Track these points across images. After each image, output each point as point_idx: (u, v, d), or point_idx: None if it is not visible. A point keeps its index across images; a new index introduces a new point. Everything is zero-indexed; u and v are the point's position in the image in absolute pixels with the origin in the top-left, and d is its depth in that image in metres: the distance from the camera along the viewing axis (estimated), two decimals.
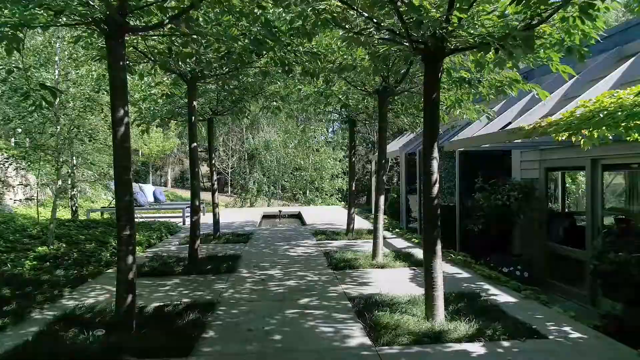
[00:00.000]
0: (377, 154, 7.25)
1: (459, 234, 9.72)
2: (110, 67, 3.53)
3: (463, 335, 3.41)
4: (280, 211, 14.53)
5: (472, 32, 3.55)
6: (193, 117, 6.37)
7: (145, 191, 13.86)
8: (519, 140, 5.79)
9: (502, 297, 4.52)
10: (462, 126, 9.57)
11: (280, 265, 6.21)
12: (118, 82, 3.52)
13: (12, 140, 11.00)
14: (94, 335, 3.41)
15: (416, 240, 8.04)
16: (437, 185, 3.88)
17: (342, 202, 19.87)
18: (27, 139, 8.26)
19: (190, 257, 6.22)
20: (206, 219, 12.21)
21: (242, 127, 19.46)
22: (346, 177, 21.34)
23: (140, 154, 25.98)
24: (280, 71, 7.32)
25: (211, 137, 8.97)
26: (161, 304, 4.39)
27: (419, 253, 6.90)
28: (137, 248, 7.65)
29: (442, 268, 3.91)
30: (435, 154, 3.92)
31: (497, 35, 3.37)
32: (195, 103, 6.39)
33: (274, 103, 8.45)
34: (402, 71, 6.00)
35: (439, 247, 3.87)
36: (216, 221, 8.80)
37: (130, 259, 3.57)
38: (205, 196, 10.60)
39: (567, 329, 3.60)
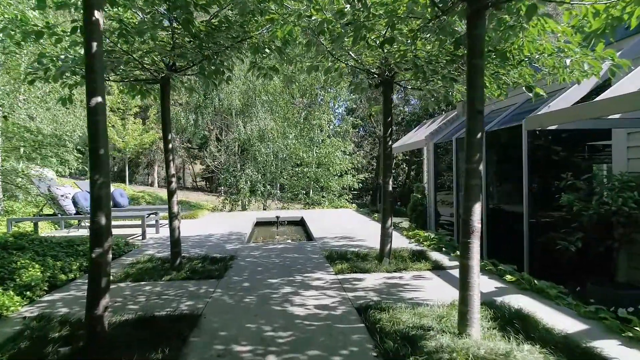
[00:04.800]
0: (464, 124, 3.95)
1: (527, 252, 6.50)
2: None
3: None
4: (278, 217, 11.26)
5: None
6: (95, 44, 3.08)
7: None
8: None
9: None
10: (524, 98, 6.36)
11: (274, 354, 2.92)
12: None
13: None
14: None
15: (510, 278, 4.68)
16: None
17: (354, 205, 16.56)
18: None
19: (88, 336, 2.97)
20: (189, 230, 8.93)
21: (231, 111, 16.08)
22: (359, 174, 18.07)
23: (125, 151, 22.69)
24: None
25: (166, 107, 5.65)
26: None
27: (537, 308, 3.61)
28: (14, 299, 4.34)
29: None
30: None
31: None
32: (99, 16, 3.11)
33: (267, 50, 5.20)
34: None
35: None
36: (175, 241, 5.48)
37: None
38: (196, 197, 7.55)
39: None
